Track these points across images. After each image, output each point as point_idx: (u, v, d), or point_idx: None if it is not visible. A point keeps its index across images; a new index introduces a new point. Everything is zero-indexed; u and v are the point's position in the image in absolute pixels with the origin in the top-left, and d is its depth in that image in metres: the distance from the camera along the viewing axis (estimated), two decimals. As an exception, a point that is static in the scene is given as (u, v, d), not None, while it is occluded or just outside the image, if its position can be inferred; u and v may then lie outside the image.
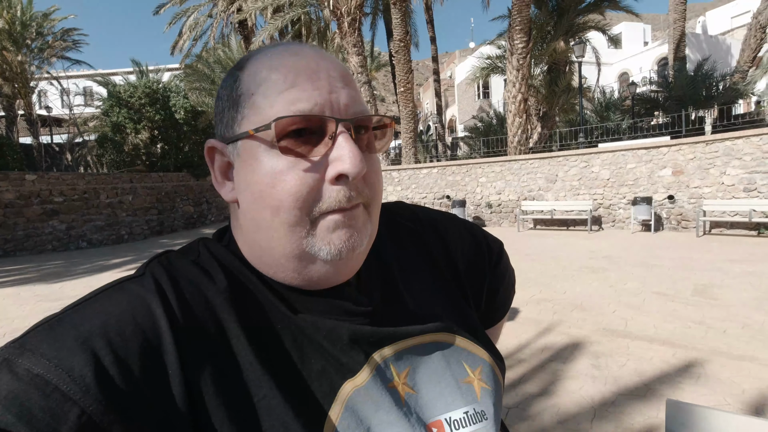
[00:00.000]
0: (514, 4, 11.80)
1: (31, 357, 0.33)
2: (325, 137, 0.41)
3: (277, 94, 0.41)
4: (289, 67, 0.42)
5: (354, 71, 14.05)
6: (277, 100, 0.41)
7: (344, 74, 0.44)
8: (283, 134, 0.40)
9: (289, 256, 0.43)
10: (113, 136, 15.33)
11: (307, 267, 0.43)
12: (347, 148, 0.40)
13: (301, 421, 0.38)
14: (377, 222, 0.47)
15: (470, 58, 25.31)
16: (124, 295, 0.40)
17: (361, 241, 0.43)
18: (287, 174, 0.40)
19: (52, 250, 11.07)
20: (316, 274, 0.44)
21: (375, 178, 0.45)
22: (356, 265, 0.46)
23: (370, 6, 19.22)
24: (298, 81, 0.41)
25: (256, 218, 0.43)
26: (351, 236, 0.42)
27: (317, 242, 0.42)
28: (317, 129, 0.41)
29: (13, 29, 15.66)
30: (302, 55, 0.43)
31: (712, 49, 22.74)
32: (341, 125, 0.41)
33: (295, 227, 0.41)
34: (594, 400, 2.60)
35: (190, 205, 15.49)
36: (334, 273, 0.44)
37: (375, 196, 0.45)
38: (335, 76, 0.43)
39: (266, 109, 0.41)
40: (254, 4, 15.63)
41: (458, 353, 0.49)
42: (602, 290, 5.03)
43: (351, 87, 0.44)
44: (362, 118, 0.43)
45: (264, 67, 0.43)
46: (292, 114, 0.40)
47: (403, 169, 13.82)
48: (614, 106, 17.35)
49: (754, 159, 8.43)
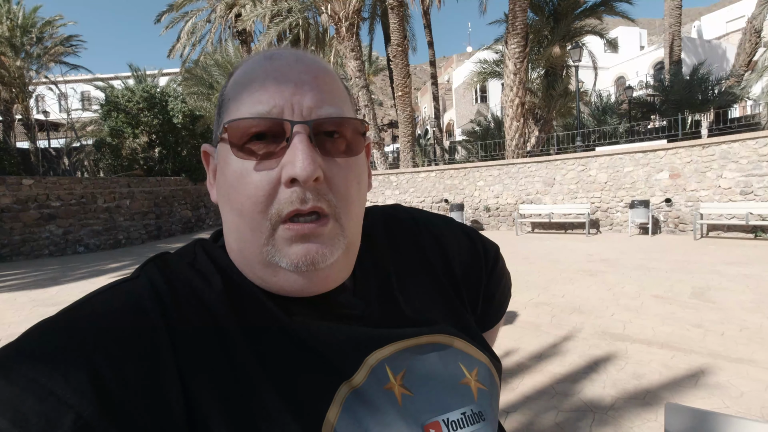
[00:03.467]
0: (511, 9, 11.87)
1: (26, 361, 0.33)
2: (283, 139, 0.41)
3: (244, 98, 0.42)
4: (261, 72, 0.43)
5: (352, 75, 14.10)
6: (243, 104, 0.42)
7: (319, 76, 0.43)
8: (244, 137, 0.41)
9: (257, 261, 0.43)
10: (111, 141, 15.30)
11: (276, 275, 0.42)
12: (299, 151, 0.39)
13: (299, 423, 0.38)
14: (355, 231, 0.46)
15: (468, 63, 25.41)
16: (120, 298, 0.40)
17: (326, 256, 0.41)
18: (247, 177, 0.41)
19: (48, 255, 11.01)
20: (286, 284, 0.43)
21: (344, 185, 0.43)
22: (332, 275, 0.44)
23: (367, 11, 19.32)
24: (265, 84, 0.42)
25: (227, 221, 0.44)
26: (309, 252, 0.41)
27: (276, 252, 0.41)
28: (277, 132, 0.41)
29: (13, 35, 15.67)
30: (277, 59, 0.44)
31: (707, 53, 22.92)
32: (296, 127, 0.40)
33: (256, 231, 0.41)
34: (593, 403, 2.59)
35: (187, 209, 15.45)
36: (305, 284, 0.43)
37: (345, 204, 0.43)
38: (306, 78, 0.42)
39: (233, 113, 0.43)
40: (253, 10, 15.70)
41: (455, 355, 0.49)
42: (600, 293, 5.04)
43: (322, 89, 0.43)
44: (323, 120, 0.42)
45: (243, 72, 0.44)
46: (239, 117, 0.41)
47: (401, 173, 13.84)
48: (611, 110, 17.44)
49: (750, 162, 8.47)
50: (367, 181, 0.49)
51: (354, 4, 13.18)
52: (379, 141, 14.79)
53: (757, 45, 15.27)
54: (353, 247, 0.46)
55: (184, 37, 19.42)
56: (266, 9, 15.23)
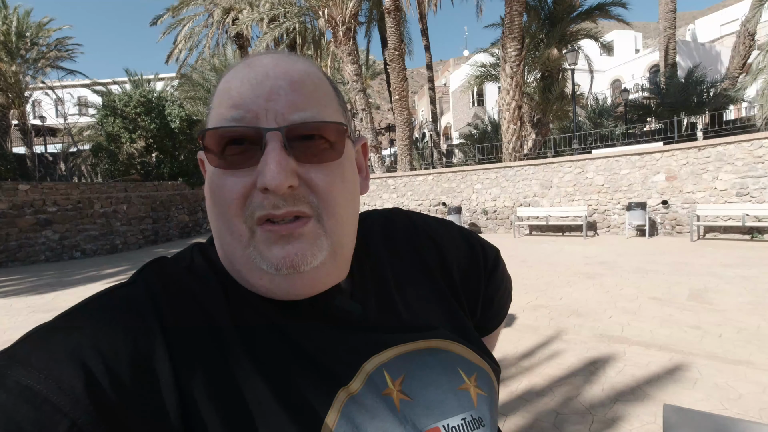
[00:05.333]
0: (507, 13, 11.94)
1: (20, 368, 0.32)
2: (258, 146, 0.40)
3: (223, 105, 0.42)
4: (239, 78, 0.43)
5: (349, 79, 14.14)
6: (221, 112, 0.42)
7: (298, 81, 0.42)
8: (220, 146, 0.41)
9: (242, 265, 0.42)
10: (108, 146, 15.28)
11: (261, 278, 0.42)
12: (270, 160, 0.39)
13: (297, 427, 0.38)
14: (343, 232, 0.45)
15: (464, 66, 25.52)
16: (116, 303, 0.40)
17: (307, 258, 0.41)
18: (224, 182, 0.41)
19: (45, 260, 10.96)
20: (272, 286, 0.42)
21: (325, 186, 0.42)
22: (319, 278, 0.43)
23: (364, 15, 19.40)
24: (242, 90, 0.42)
25: (212, 226, 0.44)
26: (288, 254, 0.40)
27: (257, 255, 0.41)
28: (252, 138, 0.40)
29: (8, 40, 15.65)
30: (256, 65, 0.43)
31: (702, 56, 23.09)
32: (269, 134, 0.40)
33: (235, 234, 0.41)
34: (592, 406, 2.59)
35: (185, 214, 15.42)
36: (289, 287, 0.42)
37: (327, 205, 0.42)
38: (282, 83, 0.42)
39: (212, 122, 0.43)
40: (250, 14, 15.75)
41: (453, 360, 0.48)
42: (598, 296, 5.04)
43: (298, 93, 0.42)
44: (297, 125, 0.41)
45: (224, 81, 0.44)
46: (212, 126, 0.42)
47: (398, 177, 13.85)
48: (607, 113, 17.54)
49: (745, 164, 8.52)
50: (356, 182, 0.48)
51: (351, 9, 13.23)
52: (376, 144, 14.82)
53: (751, 48, 15.39)
54: (342, 249, 0.45)
55: (181, 42, 19.45)
56: (263, 13, 15.29)
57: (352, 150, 0.48)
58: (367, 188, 0.52)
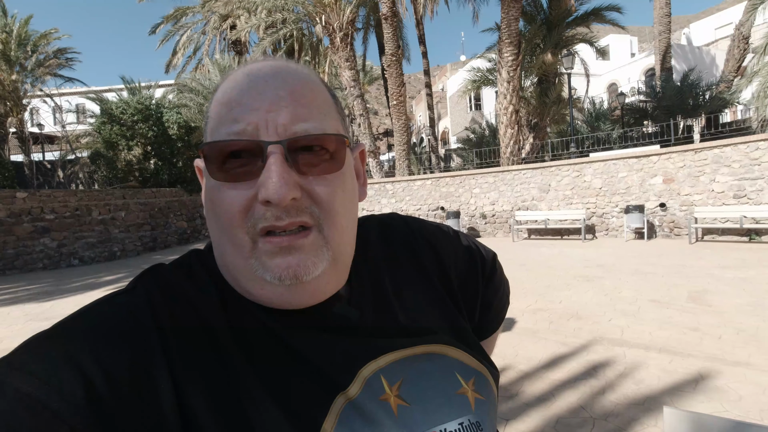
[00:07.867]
0: (503, 18, 12.01)
1: (20, 375, 0.33)
2: (259, 159, 0.40)
3: (222, 116, 0.42)
4: (238, 89, 0.42)
5: (347, 85, 14.18)
6: (221, 123, 0.42)
7: (296, 90, 0.42)
8: (221, 158, 0.41)
9: (243, 275, 0.42)
10: (106, 153, 15.28)
11: (263, 288, 0.42)
12: (272, 173, 0.39)
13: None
14: (343, 242, 0.45)
15: (461, 71, 25.62)
16: (115, 310, 0.40)
17: (309, 268, 0.41)
18: (225, 193, 0.41)
19: (42, 268, 10.91)
20: (273, 296, 0.42)
21: (327, 197, 0.42)
22: (320, 287, 0.44)
23: (361, 21, 19.48)
24: (242, 101, 0.41)
25: (212, 236, 0.44)
26: (291, 265, 0.40)
27: (259, 266, 0.41)
28: (253, 150, 0.40)
29: (7, 49, 15.68)
30: (254, 74, 0.43)
31: (697, 59, 23.23)
32: (270, 147, 0.39)
33: (237, 245, 0.41)
34: (592, 409, 2.59)
35: (183, 221, 15.39)
36: (291, 297, 0.42)
37: (329, 215, 0.42)
38: (282, 94, 0.41)
39: (211, 133, 0.43)
40: (247, 20, 15.82)
41: (451, 364, 0.48)
42: (597, 299, 5.04)
43: (299, 104, 0.42)
44: (299, 138, 0.41)
45: (222, 89, 0.44)
46: (214, 140, 0.41)
47: (396, 181, 13.86)
48: (604, 116, 17.59)
49: (742, 166, 8.56)
50: (355, 190, 0.48)
51: (348, 15, 13.30)
52: (374, 150, 14.84)
53: (746, 51, 15.48)
54: (342, 258, 0.45)
55: (180, 50, 19.52)
56: (260, 20, 15.35)
57: (351, 159, 0.48)
58: (365, 195, 0.52)
